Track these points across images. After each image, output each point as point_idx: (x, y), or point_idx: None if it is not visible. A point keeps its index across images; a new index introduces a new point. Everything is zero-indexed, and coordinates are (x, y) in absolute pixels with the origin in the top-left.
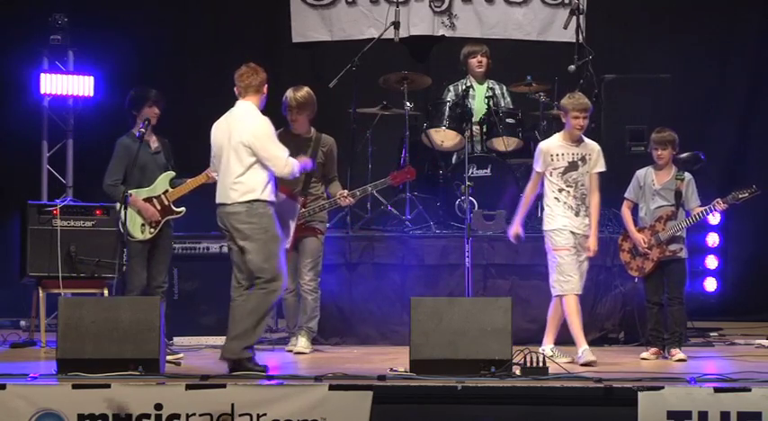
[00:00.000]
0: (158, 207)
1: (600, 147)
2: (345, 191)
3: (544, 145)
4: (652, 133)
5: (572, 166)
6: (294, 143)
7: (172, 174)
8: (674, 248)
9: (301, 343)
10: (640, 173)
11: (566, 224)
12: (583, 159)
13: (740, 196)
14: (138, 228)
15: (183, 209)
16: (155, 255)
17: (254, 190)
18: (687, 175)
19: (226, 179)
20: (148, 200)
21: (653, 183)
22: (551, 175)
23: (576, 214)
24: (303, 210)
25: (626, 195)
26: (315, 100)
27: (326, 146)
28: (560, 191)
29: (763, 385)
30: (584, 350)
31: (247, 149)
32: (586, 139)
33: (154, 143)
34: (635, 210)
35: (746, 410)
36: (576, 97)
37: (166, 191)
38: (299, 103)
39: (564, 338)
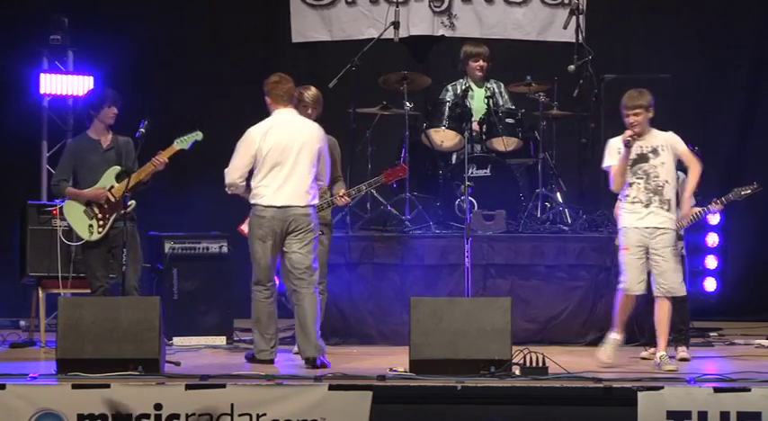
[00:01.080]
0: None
1: (674, 134)
2: (342, 190)
3: (611, 140)
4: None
5: (641, 158)
6: None
7: (117, 168)
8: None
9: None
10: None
11: (628, 223)
12: (654, 151)
13: (743, 193)
14: (85, 229)
15: (132, 202)
16: (118, 256)
17: (316, 195)
18: (681, 175)
19: (299, 182)
20: None
21: None
22: None
23: (647, 206)
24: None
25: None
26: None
27: (329, 146)
28: (630, 185)
29: (762, 385)
30: (661, 356)
31: (317, 156)
32: (656, 131)
33: (106, 142)
34: None
35: (746, 410)
36: (626, 95)
37: (112, 186)
38: (315, 100)
39: (560, 338)
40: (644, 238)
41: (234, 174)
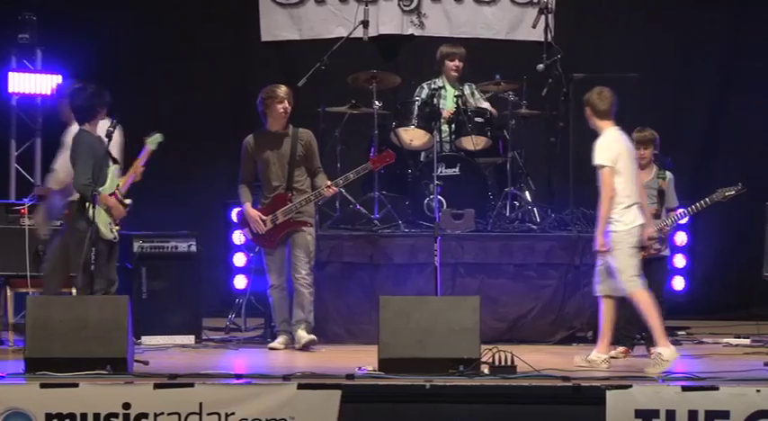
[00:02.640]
0: (120, 204)
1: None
2: (329, 181)
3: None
4: (633, 132)
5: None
6: (272, 141)
7: (115, 166)
8: (658, 247)
9: (305, 336)
10: None
11: None
12: None
13: (727, 194)
14: (106, 228)
15: (129, 200)
16: (113, 254)
17: None
18: (669, 174)
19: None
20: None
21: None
22: None
23: None
24: (289, 204)
25: None
26: None
27: (305, 139)
28: None
29: (730, 384)
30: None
31: None
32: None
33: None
34: None
35: (714, 409)
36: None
37: (118, 185)
38: (288, 93)
39: (528, 337)
40: None
41: None
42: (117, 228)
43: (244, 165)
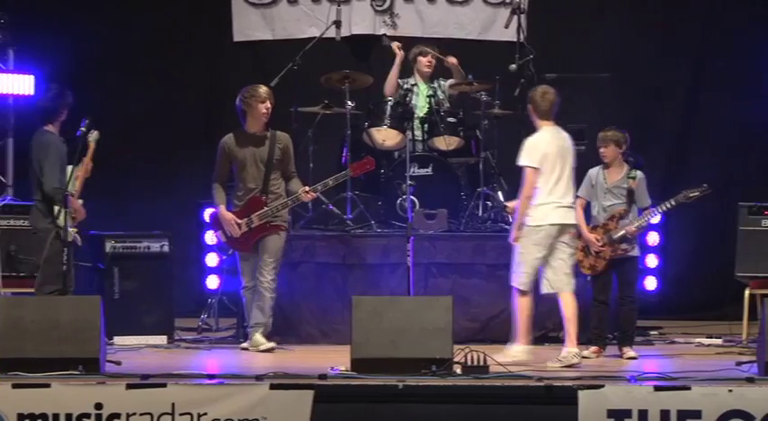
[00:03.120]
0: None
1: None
2: (307, 187)
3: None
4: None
5: None
6: (251, 142)
7: (72, 167)
8: (625, 247)
9: (264, 342)
10: (592, 171)
11: None
12: None
13: (691, 195)
14: (71, 231)
15: (80, 201)
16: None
17: None
18: (639, 174)
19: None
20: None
21: (604, 181)
22: None
23: None
24: (266, 208)
25: (578, 193)
26: None
27: (283, 142)
28: None
29: (702, 383)
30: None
31: None
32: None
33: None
34: (588, 208)
35: (686, 409)
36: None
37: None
38: (271, 94)
39: (501, 337)
40: None
41: None
42: (75, 230)
43: (219, 164)
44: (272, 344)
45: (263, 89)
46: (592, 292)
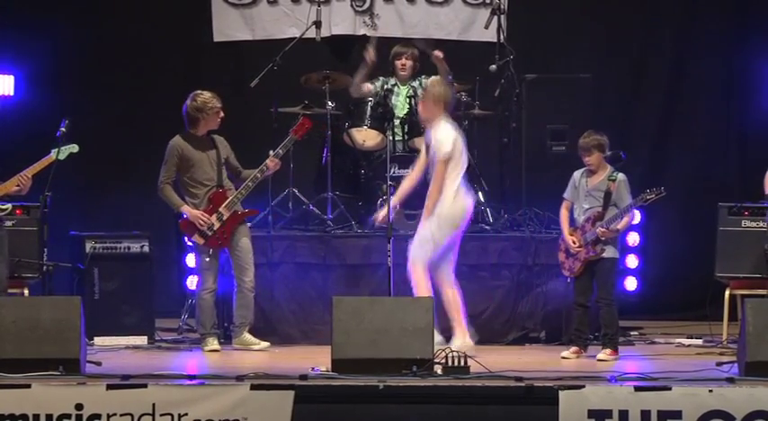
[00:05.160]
0: None
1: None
2: (271, 155)
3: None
4: (580, 138)
5: None
6: (201, 143)
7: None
8: (599, 248)
9: (256, 341)
10: (576, 173)
11: None
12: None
13: (647, 198)
14: None
15: (7, 206)
16: None
17: None
18: (620, 176)
19: None
20: None
21: (585, 183)
22: None
23: None
24: (230, 197)
25: (564, 195)
26: None
27: (223, 143)
28: None
29: (682, 384)
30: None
31: None
32: None
33: None
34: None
35: (667, 409)
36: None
37: None
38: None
39: (482, 337)
40: None
41: None
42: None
43: (171, 165)
44: (266, 343)
45: (218, 100)
46: (573, 295)
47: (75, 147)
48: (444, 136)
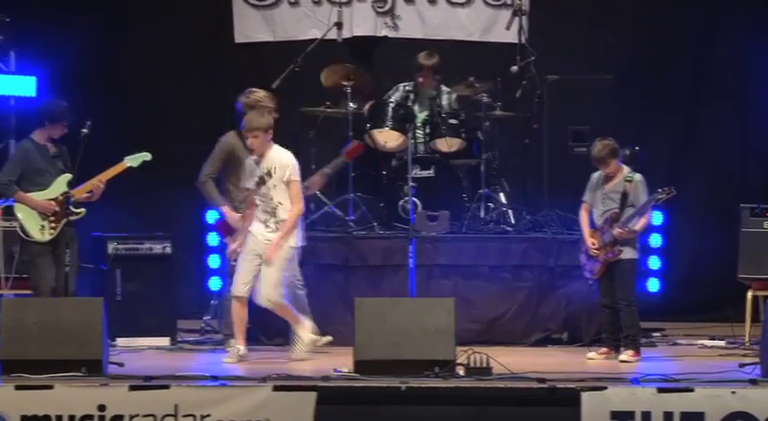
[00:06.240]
0: (56, 208)
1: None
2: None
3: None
4: (591, 149)
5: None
6: None
7: (69, 176)
8: (617, 250)
9: (320, 337)
10: (594, 175)
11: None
12: (269, 173)
13: (659, 198)
14: (37, 229)
15: (82, 210)
16: (60, 258)
17: None
18: (636, 176)
19: None
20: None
21: (603, 185)
22: None
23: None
24: None
25: (582, 198)
26: None
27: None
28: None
29: (705, 385)
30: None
31: None
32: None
33: (52, 149)
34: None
35: (689, 410)
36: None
37: (64, 193)
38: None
39: (504, 339)
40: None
41: None
42: (51, 230)
43: (218, 160)
44: (329, 337)
45: (269, 97)
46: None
47: (147, 155)
48: (291, 162)
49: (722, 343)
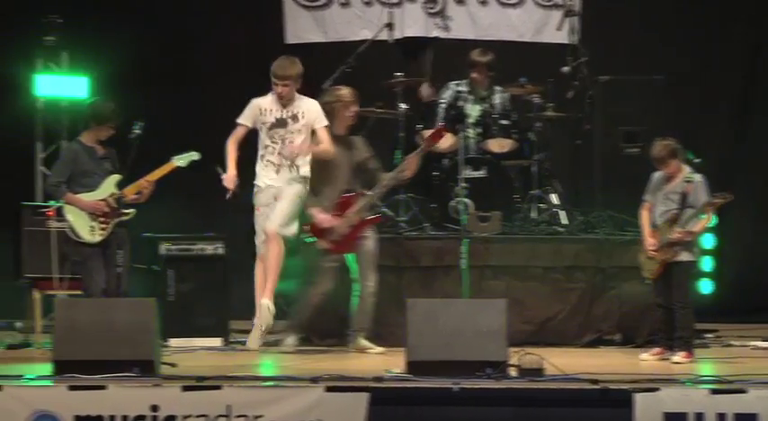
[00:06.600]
0: (106, 208)
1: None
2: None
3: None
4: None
5: (279, 123)
6: (339, 143)
7: (118, 177)
8: (674, 251)
9: (373, 346)
10: (656, 175)
11: (261, 183)
12: (294, 117)
13: (714, 201)
14: (86, 230)
15: (132, 210)
16: (111, 259)
17: None
18: (697, 177)
19: None
20: None
21: (663, 185)
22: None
23: (277, 171)
24: (360, 202)
25: (644, 197)
26: None
27: (362, 145)
28: (266, 147)
29: (758, 386)
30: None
31: None
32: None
33: (101, 150)
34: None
35: (743, 412)
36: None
37: (113, 194)
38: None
39: (556, 340)
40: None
41: None
42: (101, 231)
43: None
44: (382, 348)
45: (351, 94)
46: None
47: (195, 155)
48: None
49: None
